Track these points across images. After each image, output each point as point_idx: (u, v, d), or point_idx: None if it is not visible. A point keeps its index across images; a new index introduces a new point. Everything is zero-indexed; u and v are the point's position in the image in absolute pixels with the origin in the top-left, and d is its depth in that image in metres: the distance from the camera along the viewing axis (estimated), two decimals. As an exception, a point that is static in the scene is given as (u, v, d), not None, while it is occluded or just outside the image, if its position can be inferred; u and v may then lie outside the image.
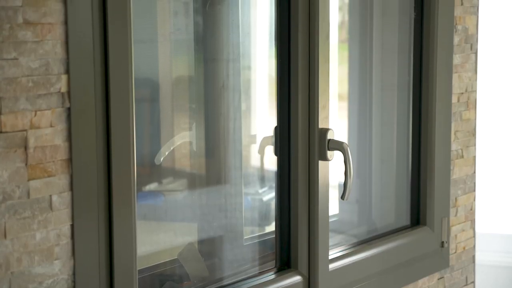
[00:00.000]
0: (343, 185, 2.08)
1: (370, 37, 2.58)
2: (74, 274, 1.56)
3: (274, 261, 2.14)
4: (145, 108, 2.00)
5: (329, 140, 2.07)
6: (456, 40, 2.55)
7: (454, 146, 2.60)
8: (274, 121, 2.09)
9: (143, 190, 2.01)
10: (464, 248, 2.71)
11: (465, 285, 2.74)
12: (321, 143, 2.06)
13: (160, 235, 2.07)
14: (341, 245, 2.35)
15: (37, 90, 1.47)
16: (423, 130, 2.51)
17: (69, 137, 1.53)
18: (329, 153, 2.07)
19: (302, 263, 2.09)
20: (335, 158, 2.10)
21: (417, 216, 2.55)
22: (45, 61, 1.48)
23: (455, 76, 2.56)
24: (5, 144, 1.43)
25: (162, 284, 2.00)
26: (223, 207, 2.16)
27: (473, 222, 2.74)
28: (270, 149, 2.13)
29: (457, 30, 2.55)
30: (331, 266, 2.16)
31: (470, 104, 2.66)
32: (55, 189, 1.52)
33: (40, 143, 1.48)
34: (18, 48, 1.44)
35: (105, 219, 1.60)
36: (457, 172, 2.63)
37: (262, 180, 2.29)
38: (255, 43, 2.22)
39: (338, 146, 2.07)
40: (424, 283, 2.54)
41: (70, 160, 1.53)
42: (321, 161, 2.07)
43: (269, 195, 2.23)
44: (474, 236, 2.75)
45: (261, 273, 2.11)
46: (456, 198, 2.65)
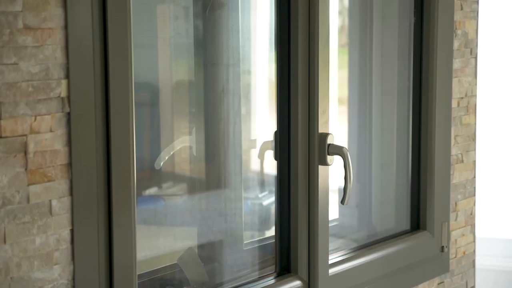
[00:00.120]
0: (343, 190, 2.08)
1: (370, 42, 2.58)
2: (74, 279, 1.56)
3: (274, 266, 2.14)
4: (145, 113, 2.00)
5: (329, 145, 2.07)
6: (456, 45, 2.55)
7: (454, 151, 2.60)
8: (274, 126, 2.09)
9: (143, 195, 2.00)
10: (464, 253, 2.70)
11: (465, 290, 2.74)
12: (321, 148, 2.06)
13: (160, 240, 2.07)
14: (341, 250, 2.35)
15: (37, 95, 1.47)
16: (423, 135, 2.51)
17: (69, 142, 1.53)
18: (329, 158, 2.07)
19: (302, 268, 2.09)
20: (335, 163, 2.10)
21: (417, 221, 2.55)
22: (45, 66, 1.48)
23: (455, 81, 2.56)
24: (5, 149, 1.43)
25: (162, 289, 2.00)
26: (223, 212, 2.16)
27: (473, 227, 2.74)
28: (270, 154, 2.13)
29: (457, 35, 2.55)
30: (331, 271, 2.16)
31: (470, 109, 2.66)
32: (55, 194, 1.52)
33: (40, 148, 1.48)
34: (18, 53, 1.44)
35: (105, 224, 1.59)
36: (457, 177, 2.63)
37: (262, 185, 2.29)
38: (255, 48, 2.22)
39: (338, 151, 2.07)
40: (424, 288, 2.54)
41: (70, 165, 1.53)
42: (321, 166, 2.07)
43: (269, 200, 2.23)
44: (474, 241, 2.75)
45: (261, 278, 2.10)
46: (456, 203, 2.64)
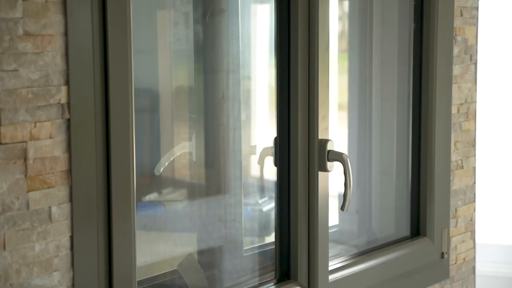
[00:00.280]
0: (343, 196, 2.08)
1: (370, 48, 2.58)
2: (73, 286, 1.55)
3: (274, 272, 2.14)
4: (145, 119, 2.00)
5: (329, 151, 2.07)
6: (456, 51, 2.55)
7: (454, 157, 2.60)
8: (274, 132, 2.09)
9: (143, 200, 2.00)
10: (464, 259, 2.70)
11: (465, 296, 2.74)
12: (321, 154, 2.06)
13: (160, 246, 2.07)
14: (341, 256, 2.35)
15: (37, 102, 1.47)
16: (423, 141, 2.51)
17: (69, 149, 1.53)
18: (329, 164, 2.07)
19: (302, 274, 2.09)
20: (335, 169, 2.10)
21: (417, 227, 2.55)
22: (45, 73, 1.48)
23: (455, 87, 2.56)
24: (5, 156, 1.43)
25: (162, 295, 2.00)
26: (223, 218, 2.16)
27: (473, 233, 2.74)
28: (270, 160, 2.13)
29: (457, 41, 2.56)
30: (331, 277, 2.16)
31: (470, 115, 2.66)
32: (55, 201, 1.52)
33: (40, 155, 1.48)
34: (18, 60, 1.44)
35: (105, 231, 1.59)
36: (457, 183, 2.63)
37: (262, 191, 2.28)
38: (255, 54, 2.22)
39: (338, 157, 2.07)
40: (424, 294, 2.54)
41: (70, 172, 1.53)
42: (321, 172, 2.07)
43: (269, 206, 2.23)
44: (474, 247, 2.75)
45: (261, 284, 2.10)
46: (456, 209, 2.64)
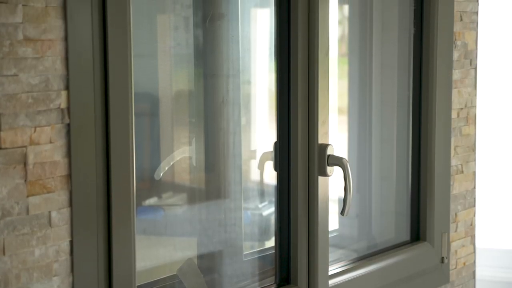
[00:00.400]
0: (343, 201, 2.08)
1: (370, 52, 2.58)
2: (73, 291, 1.56)
3: (274, 277, 2.14)
4: (145, 123, 2.00)
5: (329, 156, 2.07)
6: (456, 56, 2.55)
7: (454, 162, 2.60)
8: (274, 137, 2.09)
9: (143, 205, 2.00)
10: (464, 264, 2.70)
11: (466, 301, 2.73)
12: (321, 159, 2.06)
13: (160, 250, 2.07)
14: (341, 261, 2.35)
15: (37, 106, 1.47)
16: (423, 145, 2.51)
17: (69, 153, 1.53)
18: (329, 169, 2.07)
19: (302, 279, 2.09)
20: (335, 173, 2.10)
21: (417, 232, 2.55)
22: (45, 77, 1.48)
23: (455, 92, 2.56)
24: (5, 161, 1.43)
25: (161, 300, 2.00)
26: (223, 222, 2.16)
27: (473, 238, 2.74)
28: (270, 165, 2.13)
29: (457, 46, 2.56)
30: (331, 282, 2.16)
31: (470, 120, 2.66)
32: (55, 205, 1.52)
33: (40, 159, 1.48)
34: (18, 65, 1.44)
35: (104, 236, 1.59)
36: (457, 188, 2.63)
37: (262, 195, 2.28)
38: (255, 58, 2.22)
39: (338, 162, 2.07)
40: (424, 299, 2.54)
41: (70, 176, 1.53)
42: (321, 177, 2.07)
43: (269, 210, 2.23)
44: (474, 252, 2.75)
45: (261, 289, 2.10)
46: (456, 214, 2.64)
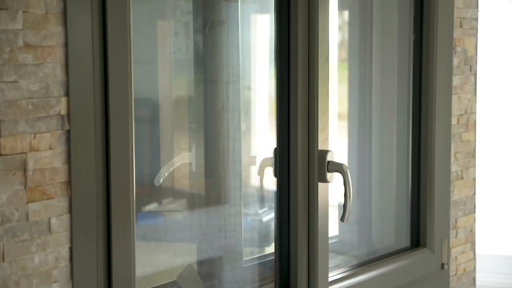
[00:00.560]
0: (343, 207, 2.08)
1: (370, 58, 2.58)
2: (73, 297, 1.55)
3: (274, 283, 2.13)
4: (145, 129, 2.00)
5: (329, 162, 2.07)
6: (456, 62, 2.56)
7: (454, 168, 2.60)
8: (274, 143, 2.09)
9: (143, 211, 2.00)
10: (465, 270, 2.70)
11: (466, 307, 2.73)
12: (321, 165, 2.06)
13: (160, 256, 2.07)
14: (341, 267, 2.34)
15: (37, 113, 1.48)
16: (423, 151, 2.51)
17: (69, 160, 1.53)
18: (329, 175, 2.07)
19: (302, 285, 2.08)
20: (335, 178, 2.10)
21: (417, 238, 2.54)
22: (45, 84, 1.49)
23: (455, 98, 2.57)
24: (4, 167, 1.43)
25: (161, 306, 1.99)
26: (223, 228, 2.16)
27: (473, 244, 2.74)
28: (270, 171, 2.13)
29: (457, 52, 2.56)
30: (331, 288, 2.16)
31: (470, 126, 2.66)
32: (54, 212, 1.51)
33: (39, 166, 1.48)
34: (18, 71, 1.44)
35: (104, 242, 1.59)
36: (457, 194, 2.63)
37: (262, 201, 2.28)
38: (255, 65, 2.22)
39: (338, 168, 2.07)
40: (424, 305, 2.53)
41: (69, 183, 1.53)
42: (321, 183, 2.07)
43: (269, 216, 2.23)
44: (475, 258, 2.75)
45: (261, 295, 2.10)
46: (456, 220, 2.64)
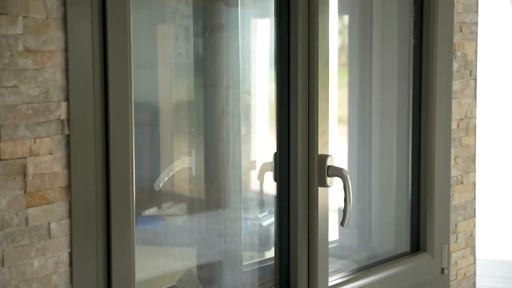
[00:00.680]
0: (343, 212, 2.08)
1: (370, 63, 2.59)
2: (72, 302, 1.55)
3: (274, 288, 2.14)
4: (145, 133, 2.00)
5: (329, 167, 2.07)
6: (456, 67, 2.56)
7: (454, 172, 2.60)
8: (274, 147, 2.09)
9: (143, 215, 2.00)
10: (465, 275, 2.69)
11: (466, 312, 2.73)
12: (321, 170, 2.06)
13: (159, 260, 2.06)
14: (341, 272, 2.34)
15: (37, 118, 1.47)
16: (423, 156, 2.51)
17: (68, 164, 1.53)
18: (329, 180, 2.07)
19: (302, 290, 2.09)
20: (335, 183, 2.10)
21: (417, 242, 2.54)
22: (45, 89, 1.49)
23: (455, 102, 2.57)
24: (4, 172, 1.43)
25: (161, 311, 1.99)
26: (223, 232, 2.16)
27: (474, 249, 2.73)
28: (270, 175, 2.13)
29: (457, 57, 2.56)
30: (331, 293, 2.15)
31: (470, 130, 2.66)
32: (54, 217, 1.51)
33: (39, 171, 1.48)
34: (18, 76, 1.44)
35: (104, 247, 1.59)
36: (457, 198, 2.63)
37: (262, 205, 2.28)
38: (255, 69, 2.22)
39: (338, 173, 2.07)
40: (425, 310, 2.53)
41: (69, 187, 1.53)
42: (321, 188, 2.07)
43: (269, 220, 2.22)
44: (475, 263, 2.74)
45: (260, 300, 2.10)
46: (456, 224, 2.64)
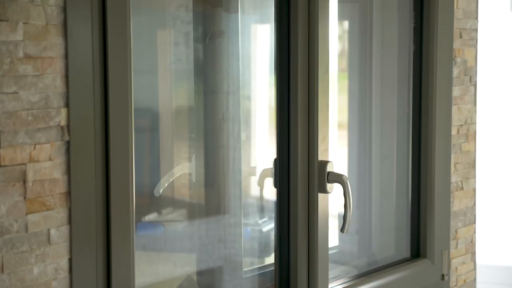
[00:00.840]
0: (343, 218, 2.08)
1: (370, 69, 2.59)
2: (72, 309, 1.55)
3: (273, 294, 2.13)
4: (145, 139, 2.00)
5: (329, 173, 2.07)
6: (456, 73, 2.56)
7: (454, 178, 2.60)
8: (274, 153, 2.09)
9: (143, 221, 2.00)
10: (465, 281, 2.69)
11: (466, 318, 2.72)
12: (321, 176, 2.06)
13: (159, 266, 2.06)
14: (341, 278, 2.34)
15: (37, 124, 1.47)
16: (423, 162, 2.51)
17: (68, 171, 1.53)
18: (329, 186, 2.07)
19: (302, 296, 2.08)
20: (335, 188, 2.10)
21: (417, 249, 2.54)
22: (45, 95, 1.49)
23: (455, 108, 2.57)
24: (4, 178, 1.43)
25: (160, 317, 1.99)
26: (223, 238, 2.16)
27: (474, 255, 2.73)
28: (270, 181, 2.13)
29: (456, 63, 2.56)
30: (331, 299, 2.15)
31: (470, 136, 2.66)
32: (54, 223, 1.51)
33: (39, 177, 1.48)
34: (19, 82, 1.44)
35: (104, 253, 1.59)
36: (457, 204, 2.63)
37: (262, 211, 2.28)
38: (255, 75, 2.22)
39: (338, 179, 2.07)
40: (425, 316, 2.53)
41: (69, 194, 1.53)
42: (321, 194, 2.07)
43: (269, 226, 2.22)
44: (475, 269, 2.74)
45: (260, 306, 2.09)
46: (456, 230, 2.63)
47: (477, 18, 2.65)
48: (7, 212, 1.44)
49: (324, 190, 2.07)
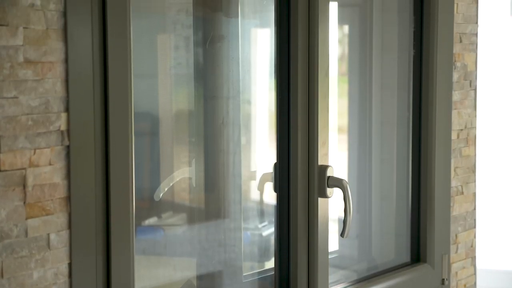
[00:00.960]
0: (343, 223, 2.08)
1: (370, 73, 2.59)
2: (71, 313, 1.55)
3: (273, 299, 2.13)
4: (145, 144, 2.00)
5: (329, 177, 2.07)
6: (456, 77, 2.56)
7: (454, 183, 2.60)
8: (274, 158, 2.09)
9: (143, 225, 2.00)
10: (465, 286, 2.69)
11: (466, 323, 2.72)
12: (321, 180, 2.06)
13: (159, 270, 2.06)
14: (341, 282, 2.34)
15: (37, 129, 1.47)
16: (423, 166, 2.51)
17: (68, 175, 1.53)
18: (329, 190, 2.07)
19: (302, 301, 2.08)
20: (335, 193, 2.10)
21: (417, 253, 2.54)
22: (45, 100, 1.49)
23: (455, 113, 2.57)
24: (4, 183, 1.43)
25: (160, 322, 1.99)
26: (223, 242, 2.16)
27: (474, 259, 2.73)
28: (270, 186, 2.13)
29: (456, 67, 2.56)
30: (331, 304, 2.15)
31: (470, 141, 2.66)
32: (53, 228, 1.51)
33: (39, 182, 1.48)
34: (19, 87, 1.44)
35: (103, 258, 1.59)
36: (457, 209, 2.63)
37: (262, 215, 2.28)
38: (255, 80, 2.22)
39: (338, 183, 2.07)
40: (425, 321, 2.52)
41: (69, 198, 1.53)
42: (321, 198, 2.07)
43: (269, 230, 2.22)
44: (475, 273, 2.74)
45: (260, 311, 2.09)
46: (457, 235, 2.63)
47: (477, 23, 2.65)
48: (7, 217, 1.44)
49: (324, 195, 2.07)
